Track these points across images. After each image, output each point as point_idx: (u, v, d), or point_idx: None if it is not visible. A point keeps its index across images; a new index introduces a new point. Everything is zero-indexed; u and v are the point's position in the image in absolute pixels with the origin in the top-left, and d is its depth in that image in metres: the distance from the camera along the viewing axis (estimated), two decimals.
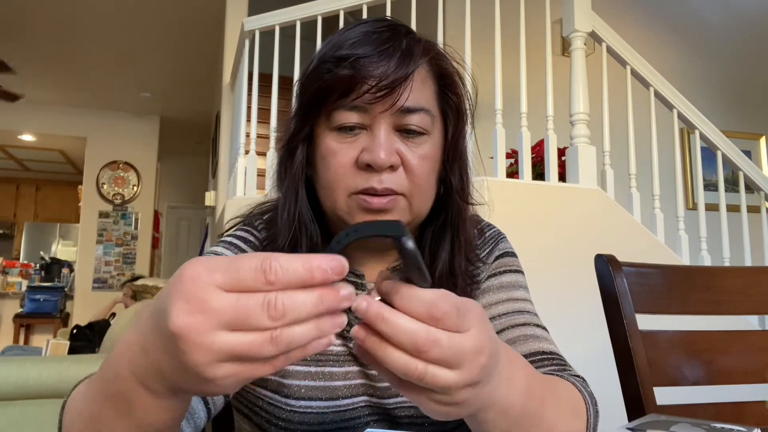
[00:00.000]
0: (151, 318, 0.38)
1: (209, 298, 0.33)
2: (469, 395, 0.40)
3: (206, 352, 0.33)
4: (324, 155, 0.63)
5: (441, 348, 0.37)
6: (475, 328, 0.39)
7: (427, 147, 0.63)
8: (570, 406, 0.55)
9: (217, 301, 0.33)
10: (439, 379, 0.38)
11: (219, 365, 0.34)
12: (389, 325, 0.37)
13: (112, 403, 0.42)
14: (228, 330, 0.33)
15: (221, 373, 0.34)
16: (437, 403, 0.40)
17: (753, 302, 1.00)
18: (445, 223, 0.68)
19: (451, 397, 0.39)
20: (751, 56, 4.36)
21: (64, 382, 1.85)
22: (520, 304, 0.73)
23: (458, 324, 0.38)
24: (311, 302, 0.34)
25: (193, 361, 0.34)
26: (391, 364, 0.37)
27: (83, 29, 4.82)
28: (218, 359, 0.34)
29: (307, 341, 0.34)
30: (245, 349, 0.33)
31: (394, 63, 0.60)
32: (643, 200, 2.53)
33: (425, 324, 0.37)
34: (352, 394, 0.66)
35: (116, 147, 6.78)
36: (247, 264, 0.34)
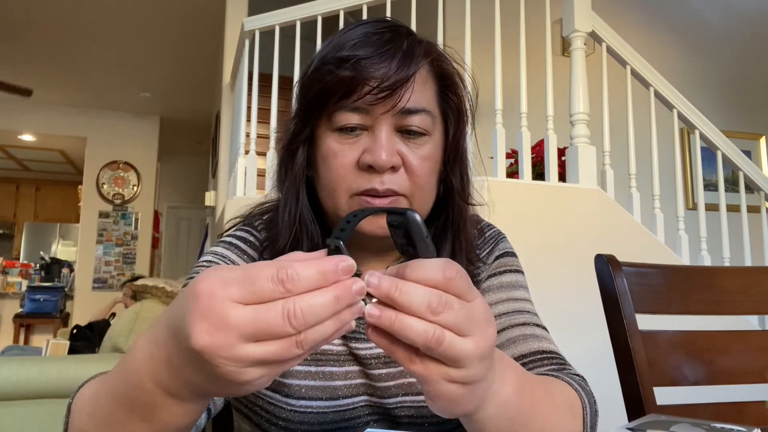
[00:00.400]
0: (172, 335, 0.38)
1: (228, 314, 0.34)
2: (480, 371, 0.40)
3: (236, 363, 0.34)
4: (325, 156, 0.63)
5: (454, 310, 0.38)
6: (479, 299, 0.40)
7: (428, 148, 0.63)
8: (566, 405, 0.55)
9: (236, 316, 0.34)
10: (457, 346, 0.38)
11: (251, 370, 0.35)
12: (403, 293, 0.37)
13: (132, 407, 0.42)
14: (252, 342, 0.34)
15: (255, 375, 0.35)
16: (450, 382, 0.39)
17: (753, 302, 1.00)
18: (445, 223, 0.69)
19: (466, 372, 0.39)
20: (751, 56, 4.36)
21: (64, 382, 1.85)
22: (520, 303, 0.73)
23: (468, 289, 0.39)
24: (329, 304, 0.35)
25: (224, 372, 0.34)
26: (408, 332, 0.37)
27: (83, 29, 4.82)
28: (249, 366, 0.35)
29: (330, 335, 0.35)
30: (273, 356, 0.34)
31: (396, 64, 0.60)
32: (643, 200, 2.53)
33: (437, 289, 0.38)
34: (352, 393, 0.66)
35: (116, 147, 6.78)
36: (262, 274, 0.34)
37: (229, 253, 0.70)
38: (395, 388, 0.67)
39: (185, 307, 0.35)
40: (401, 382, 0.67)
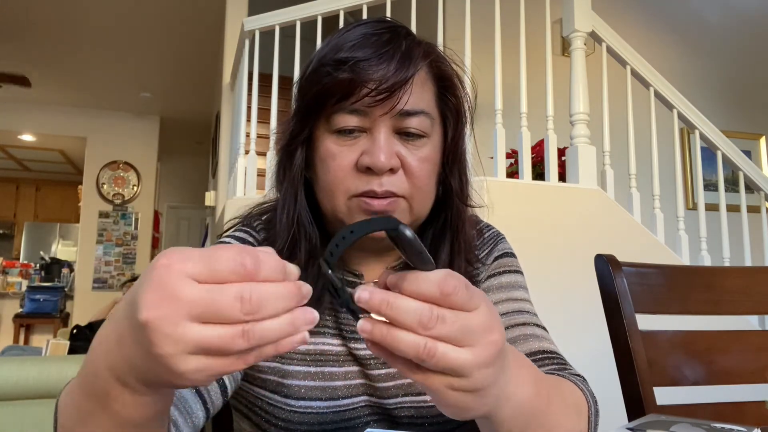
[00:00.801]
0: (128, 309, 0.37)
1: (180, 288, 0.33)
2: (486, 378, 0.40)
3: (175, 343, 0.33)
4: (324, 158, 0.63)
5: (446, 324, 0.37)
6: (483, 307, 0.40)
7: (426, 149, 0.63)
8: (573, 405, 0.56)
9: (188, 291, 0.33)
10: (451, 358, 0.37)
11: (188, 357, 0.33)
12: (394, 308, 0.37)
13: (92, 398, 0.42)
14: (198, 322, 0.33)
15: (191, 367, 0.33)
16: (454, 391, 0.39)
17: (753, 302, 1.00)
18: (444, 224, 0.69)
19: (469, 381, 0.39)
20: (751, 56, 4.36)
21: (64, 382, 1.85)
22: (520, 303, 0.73)
23: (468, 300, 0.38)
24: (285, 295, 0.34)
25: (161, 352, 0.33)
26: (400, 345, 0.37)
27: (83, 29, 4.82)
28: (187, 351, 0.33)
29: (279, 336, 0.34)
30: (215, 343, 0.33)
31: (394, 66, 0.59)
32: (643, 200, 2.53)
33: (431, 303, 0.37)
34: (352, 394, 0.66)
35: (116, 147, 6.78)
36: (223, 254, 0.34)
37: None
38: (395, 388, 0.67)
39: (143, 279, 0.35)
40: (401, 382, 0.67)
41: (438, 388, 0.39)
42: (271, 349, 0.35)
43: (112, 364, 0.39)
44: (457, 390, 0.39)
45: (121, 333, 0.37)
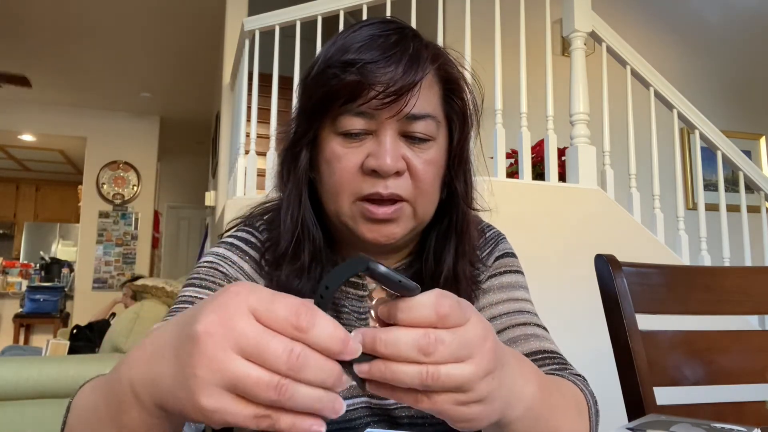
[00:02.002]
0: (177, 323, 0.38)
1: (240, 317, 0.34)
2: (490, 386, 0.40)
3: (213, 370, 0.33)
4: (329, 160, 0.63)
5: (446, 345, 0.37)
6: (474, 317, 0.40)
7: (432, 152, 0.63)
8: (574, 405, 0.56)
9: (246, 323, 0.33)
10: (455, 376, 0.37)
11: (214, 391, 0.33)
12: (388, 344, 0.36)
13: (107, 402, 0.42)
14: (243, 357, 0.33)
15: (211, 403, 0.33)
16: (463, 405, 0.39)
17: (753, 302, 1.00)
18: (449, 227, 0.68)
19: (475, 393, 0.39)
20: (751, 56, 4.36)
21: (64, 382, 1.85)
22: (520, 304, 0.73)
23: (462, 316, 0.38)
24: (329, 370, 0.34)
25: (197, 373, 0.33)
26: (403, 379, 0.36)
27: (83, 29, 4.82)
28: (219, 384, 0.33)
29: (305, 407, 0.33)
30: (250, 382, 0.33)
31: (402, 69, 0.59)
32: (643, 200, 2.53)
33: (424, 328, 0.37)
34: (352, 394, 0.66)
35: (116, 147, 6.78)
36: (283, 301, 0.34)
37: (231, 254, 0.69)
38: None
39: (210, 299, 0.36)
40: None
41: (447, 408, 0.39)
42: (288, 421, 0.34)
43: (134, 378, 0.39)
44: (466, 404, 0.39)
45: (163, 344, 0.38)
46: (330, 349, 0.34)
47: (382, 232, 0.61)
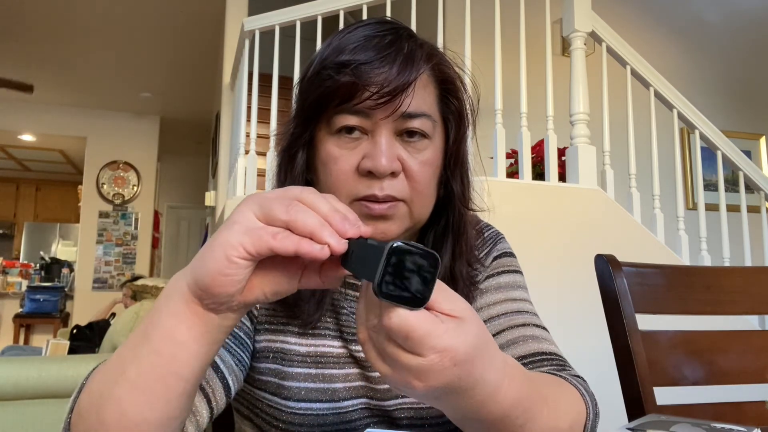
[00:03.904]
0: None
1: (268, 195, 0.44)
2: (448, 343, 0.41)
3: (244, 212, 0.43)
4: (325, 161, 0.63)
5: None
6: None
7: (428, 153, 0.63)
8: (567, 409, 0.55)
9: (268, 194, 0.45)
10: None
11: (242, 230, 0.42)
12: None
13: (146, 327, 0.47)
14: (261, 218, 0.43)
15: (238, 236, 0.42)
16: (409, 353, 0.41)
17: (753, 302, 1.00)
18: (446, 227, 0.68)
19: (428, 343, 0.40)
20: (751, 56, 4.36)
21: (64, 382, 1.85)
22: (519, 304, 0.72)
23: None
24: (324, 207, 0.43)
25: (233, 218, 0.43)
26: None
27: (83, 29, 4.82)
28: (251, 212, 0.43)
29: (311, 225, 0.41)
30: (270, 208, 0.42)
31: (396, 69, 0.59)
32: (643, 200, 2.53)
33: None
34: (352, 395, 0.66)
35: (116, 147, 6.78)
36: (290, 189, 0.45)
37: None
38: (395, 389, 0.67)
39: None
40: None
41: (393, 351, 0.41)
42: (292, 243, 0.41)
43: (181, 290, 0.46)
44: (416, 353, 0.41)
45: (201, 251, 0.45)
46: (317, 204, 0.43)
47: (378, 229, 0.61)
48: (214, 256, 0.42)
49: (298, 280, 0.46)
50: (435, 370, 0.40)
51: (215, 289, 0.43)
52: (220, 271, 0.42)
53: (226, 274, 0.42)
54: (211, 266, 0.42)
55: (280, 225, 0.42)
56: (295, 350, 0.67)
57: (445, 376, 0.41)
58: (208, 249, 0.43)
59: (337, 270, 0.45)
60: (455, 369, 0.41)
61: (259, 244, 0.41)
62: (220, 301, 0.44)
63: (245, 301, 0.45)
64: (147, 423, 0.45)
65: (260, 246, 0.41)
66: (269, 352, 0.67)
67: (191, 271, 0.45)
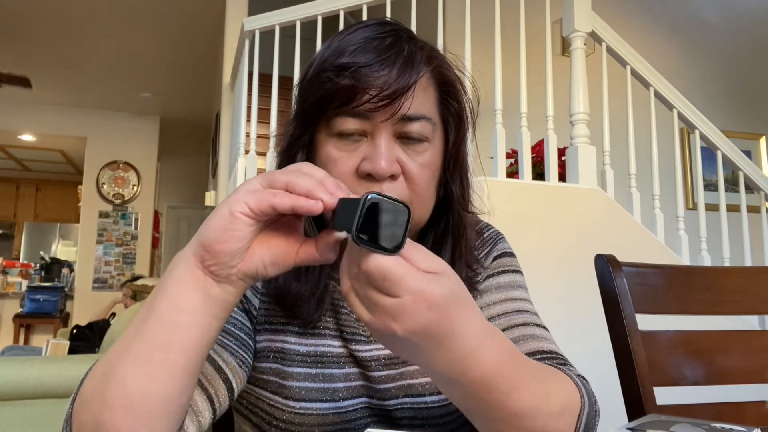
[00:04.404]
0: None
1: (263, 174, 0.48)
2: (421, 287, 0.43)
3: (249, 188, 0.46)
4: (324, 163, 0.63)
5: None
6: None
7: (427, 155, 0.63)
8: (558, 392, 0.54)
9: (275, 172, 0.48)
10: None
11: (245, 195, 0.46)
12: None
13: (148, 306, 0.48)
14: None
15: (244, 195, 0.46)
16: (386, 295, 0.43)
17: (753, 302, 1.00)
18: (446, 229, 0.68)
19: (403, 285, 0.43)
20: (751, 56, 4.36)
21: (64, 382, 1.85)
22: (519, 303, 0.72)
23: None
24: (320, 174, 0.47)
25: (238, 194, 0.46)
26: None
27: (83, 29, 4.82)
28: (256, 183, 0.47)
29: (306, 188, 0.45)
30: (273, 175, 0.46)
31: (396, 72, 0.59)
32: (643, 200, 2.53)
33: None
34: (353, 395, 0.66)
35: (116, 147, 6.78)
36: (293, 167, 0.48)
37: None
38: (395, 389, 0.67)
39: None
40: (401, 383, 0.67)
41: (370, 292, 0.44)
42: (290, 199, 0.45)
43: (186, 257, 0.48)
44: (391, 295, 0.43)
45: (211, 213, 0.48)
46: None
47: None
48: (218, 213, 0.46)
49: (296, 252, 0.49)
50: (410, 312, 0.42)
51: (218, 246, 0.45)
52: (223, 227, 0.45)
53: (229, 229, 0.45)
54: (216, 223, 0.46)
55: (280, 187, 0.46)
56: (295, 350, 0.67)
57: (421, 317, 0.43)
58: (214, 211, 0.47)
59: (329, 236, 0.48)
60: (429, 312, 0.43)
61: (261, 201, 0.45)
62: (221, 261, 0.46)
63: (245, 270, 0.47)
64: (149, 398, 0.46)
65: (262, 203, 0.45)
66: (270, 351, 0.67)
67: (196, 235, 0.48)
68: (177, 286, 0.47)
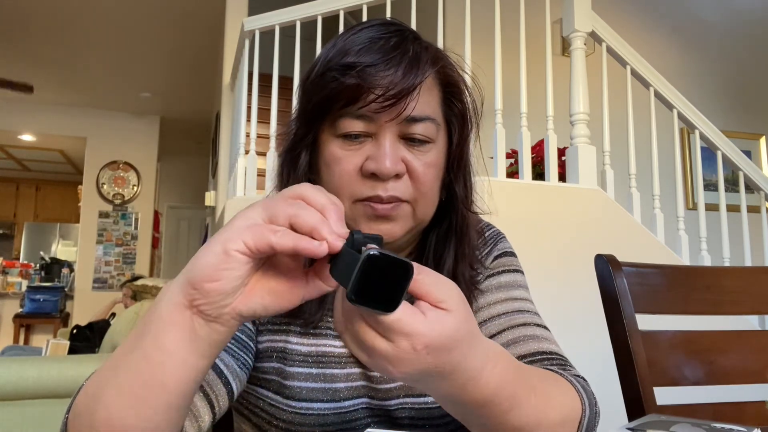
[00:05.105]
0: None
1: (274, 201, 0.44)
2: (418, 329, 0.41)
3: (247, 215, 0.43)
4: (328, 162, 0.63)
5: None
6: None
7: (432, 155, 0.63)
8: (558, 402, 0.54)
9: (274, 203, 0.44)
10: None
11: (244, 229, 0.42)
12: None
13: (141, 328, 0.46)
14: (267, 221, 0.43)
15: (242, 230, 0.42)
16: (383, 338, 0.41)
17: (753, 302, 1.00)
18: (449, 229, 0.69)
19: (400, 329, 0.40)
20: (750, 56, 4.36)
21: (64, 382, 1.85)
22: (519, 303, 0.72)
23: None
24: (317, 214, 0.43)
25: (234, 226, 0.42)
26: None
27: (83, 29, 4.82)
28: (257, 214, 0.43)
29: (311, 225, 0.41)
30: (272, 207, 0.43)
31: (401, 72, 0.59)
32: (643, 200, 2.53)
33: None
34: (353, 395, 0.66)
35: (116, 147, 6.78)
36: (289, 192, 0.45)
37: None
38: (396, 389, 0.67)
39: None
40: (402, 384, 0.67)
41: (363, 330, 0.42)
42: (292, 240, 0.41)
43: (172, 293, 0.44)
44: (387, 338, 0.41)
45: (201, 249, 0.44)
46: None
47: (381, 229, 0.61)
48: (211, 249, 0.42)
49: (300, 292, 0.45)
50: (407, 358, 0.41)
51: (208, 285, 0.41)
52: (215, 265, 0.41)
53: (222, 268, 0.41)
54: (208, 260, 0.42)
55: (283, 222, 0.42)
56: (297, 350, 0.67)
57: (420, 363, 0.41)
58: (205, 246, 0.43)
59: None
60: (428, 357, 0.41)
61: (259, 240, 0.41)
62: (212, 300, 0.42)
63: (240, 310, 0.43)
64: (134, 429, 0.44)
65: (260, 242, 0.41)
66: (272, 352, 0.67)
67: (184, 271, 0.44)
68: (162, 324, 0.44)
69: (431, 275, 0.43)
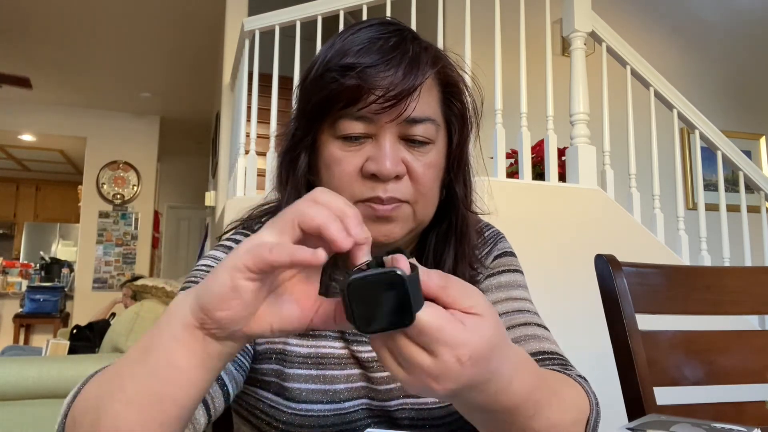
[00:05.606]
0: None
1: (284, 216, 0.43)
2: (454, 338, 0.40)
3: (254, 243, 0.41)
4: (328, 163, 0.62)
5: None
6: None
7: (432, 155, 0.63)
8: (573, 404, 0.55)
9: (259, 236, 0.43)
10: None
11: (245, 255, 0.40)
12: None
13: (144, 351, 0.45)
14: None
15: (243, 258, 0.40)
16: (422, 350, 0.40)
17: (753, 302, 1.00)
18: (448, 229, 0.68)
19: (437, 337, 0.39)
20: (751, 56, 4.36)
21: (64, 382, 1.85)
22: (519, 303, 0.72)
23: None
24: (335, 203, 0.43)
25: (242, 250, 0.41)
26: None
27: (83, 29, 4.82)
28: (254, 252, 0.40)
29: (318, 222, 0.40)
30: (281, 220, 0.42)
31: (401, 73, 0.59)
32: (643, 200, 2.53)
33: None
34: (353, 396, 0.66)
35: (116, 147, 6.78)
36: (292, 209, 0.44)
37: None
38: (396, 390, 0.67)
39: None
40: None
41: (404, 344, 0.40)
42: (287, 253, 0.39)
43: (184, 314, 0.44)
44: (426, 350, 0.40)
45: (211, 273, 0.43)
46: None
47: (381, 231, 0.61)
48: (219, 277, 0.41)
49: (310, 319, 0.44)
50: (451, 370, 0.39)
51: (218, 314, 0.41)
52: (223, 295, 0.41)
53: (230, 298, 0.41)
54: (216, 290, 0.41)
55: (290, 228, 0.41)
56: (296, 351, 0.67)
57: (465, 376, 0.40)
58: (216, 271, 0.42)
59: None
60: (473, 368, 0.40)
61: (257, 259, 0.39)
62: (223, 326, 0.42)
63: (250, 332, 0.43)
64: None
65: (259, 261, 0.39)
66: (271, 353, 0.67)
67: (196, 295, 0.43)
68: (174, 342, 0.44)
69: (451, 280, 0.41)
